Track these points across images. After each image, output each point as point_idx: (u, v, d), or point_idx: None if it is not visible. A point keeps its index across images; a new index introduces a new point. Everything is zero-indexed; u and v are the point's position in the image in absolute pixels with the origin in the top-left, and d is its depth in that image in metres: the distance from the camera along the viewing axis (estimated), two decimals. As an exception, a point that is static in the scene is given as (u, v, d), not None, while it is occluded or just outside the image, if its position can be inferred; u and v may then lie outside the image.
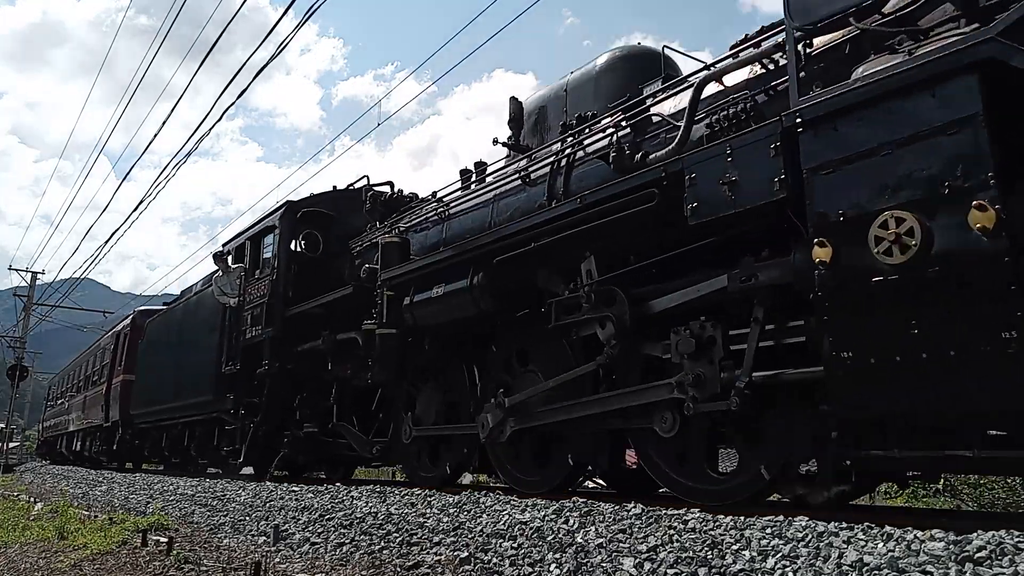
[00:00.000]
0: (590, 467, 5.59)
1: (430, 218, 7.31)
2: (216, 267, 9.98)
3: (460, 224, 6.82)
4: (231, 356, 9.68)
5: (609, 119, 5.52)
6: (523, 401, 5.56)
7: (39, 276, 32.04)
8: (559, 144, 5.92)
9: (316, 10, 7.82)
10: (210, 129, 10.79)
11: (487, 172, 7.23)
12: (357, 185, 9.36)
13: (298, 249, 8.97)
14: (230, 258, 10.00)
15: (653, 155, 4.75)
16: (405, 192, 8.88)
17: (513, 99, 6.59)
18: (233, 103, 10.06)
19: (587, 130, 5.66)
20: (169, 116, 12.33)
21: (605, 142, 5.36)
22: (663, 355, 4.48)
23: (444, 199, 7.23)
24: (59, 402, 26.10)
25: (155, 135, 12.48)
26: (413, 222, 7.58)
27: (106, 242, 17.75)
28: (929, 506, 8.48)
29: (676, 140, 4.57)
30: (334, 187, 9.57)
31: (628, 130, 5.23)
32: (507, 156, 6.90)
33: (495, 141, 6.54)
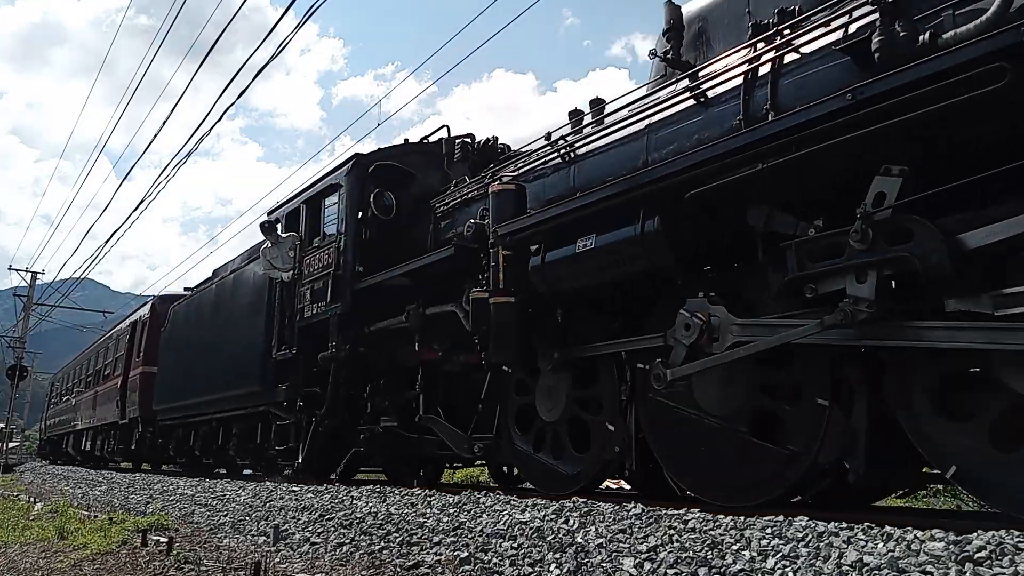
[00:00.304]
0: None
1: (549, 162, 5.95)
2: (264, 239, 8.57)
3: (595, 166, 5.46)
4: (284, 340, 8.27)
5: (826, 13, 4.20)
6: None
7: (39, 276, 32.28)
8: (747, 50, 4.59)
9: (316, 10, 7.77)
10: (210, 129, 10.90)
11: (605, 112, 5.91)
12: (433, 138, 7.99)
13: (370, 211, 7.53)
14: (280, 227, 8.59)
15: (948, 34, 3.42)
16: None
17: (669, 3, 5.21)
18: (233, 103, 10.08)
19: (787, 30, 4.34)
20: (169, 116, 12.47)
21: (838, 35, 4.03)
22: (994, 311, 3.14)
23: (566, 138, 5.88)
24: (64, 399, 24.64)
25: (155, 135, 12.50)
26: (522, 169, 6.23)
27: (106, 242, 17.89)
28: (929, 506, 7.99)
29: (993, 8, 3.25)
30: (406, 140, 8.19)
31: (876, 17, 3.88)
32: (653, 80, 5.55)
33: (652, 54, 5.17)
